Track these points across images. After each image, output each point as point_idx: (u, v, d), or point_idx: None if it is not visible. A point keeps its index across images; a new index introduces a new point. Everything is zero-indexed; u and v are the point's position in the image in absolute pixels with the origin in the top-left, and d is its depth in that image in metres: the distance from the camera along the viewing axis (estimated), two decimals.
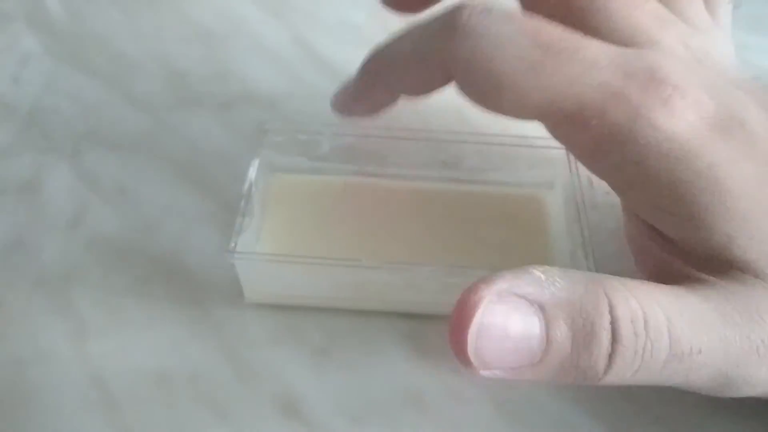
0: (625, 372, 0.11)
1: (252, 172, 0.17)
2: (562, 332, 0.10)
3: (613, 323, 0.10)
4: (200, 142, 0.22)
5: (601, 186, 0.14)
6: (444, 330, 0.15)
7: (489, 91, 0.12)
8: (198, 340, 0.17)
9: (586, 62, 0.12)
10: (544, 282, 0.10)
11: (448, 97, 0.21)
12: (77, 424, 0.15)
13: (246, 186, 0.17)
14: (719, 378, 0.11)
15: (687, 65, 0.13)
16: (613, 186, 0.13)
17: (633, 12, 0.13)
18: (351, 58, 0.21)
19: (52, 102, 0.23)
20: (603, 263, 0.16)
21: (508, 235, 0.17)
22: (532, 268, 0.11)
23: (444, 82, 0.14)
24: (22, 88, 0.24)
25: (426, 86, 0.14)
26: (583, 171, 0.15)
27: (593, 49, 0.12)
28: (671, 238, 0.12)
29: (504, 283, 0.10)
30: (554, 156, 0.18)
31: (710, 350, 0.11)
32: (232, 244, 0.16)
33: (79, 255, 0.18)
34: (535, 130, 0.15)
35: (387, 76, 0.15)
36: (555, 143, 0.14)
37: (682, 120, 0.12)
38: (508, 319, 0.10)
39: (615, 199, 0.14)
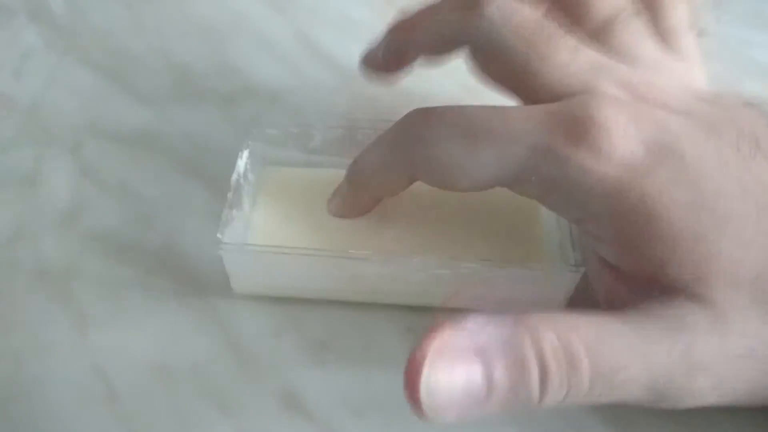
0: (557, 396, 0.12)
1: (240, 164, 0.17)
2: (500, 371, 0.11)
3: (538, 355, 0.12)
4: (201, 137, 0.22)
5: None
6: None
7: (448, 182, 0.14)
8: (200, 332, 0.17)
9: (513, 132, 0.13)
10: (476, 330, 0.12)
11: (444, 90, 0.21)
12: (79, 416, 0.15)
13: (234, 177, 0.17)
14: (651, 392, 0.12)
15: (617, 104, 0.13)
16: (567, 219, 0.15)
17: (567, 68, 0.14)
18: (353, 53, 0.21)
19: (53, 96, 0.23)
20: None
21: (501, 228, 0.17)
22: (465, 320, 0.12)
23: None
24: (23, 82, 0.24)
25: (396, 190, 0.16)
26: None
27: (519, 116, 0.13)
28: (616, 266, 0.13)
29: (442, 339, 0.11)
30: None
31: (631, 368, 0.12)
32: (219, 236, 0.16)
33: (80, 248, 0.18)
34: None
35: (366, 190, 0.17)
36: None
37: (610, 159, 0.13)
38: (452, 371, 0.11)
39: None
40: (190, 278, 0.18)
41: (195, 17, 0.26)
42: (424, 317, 0.17)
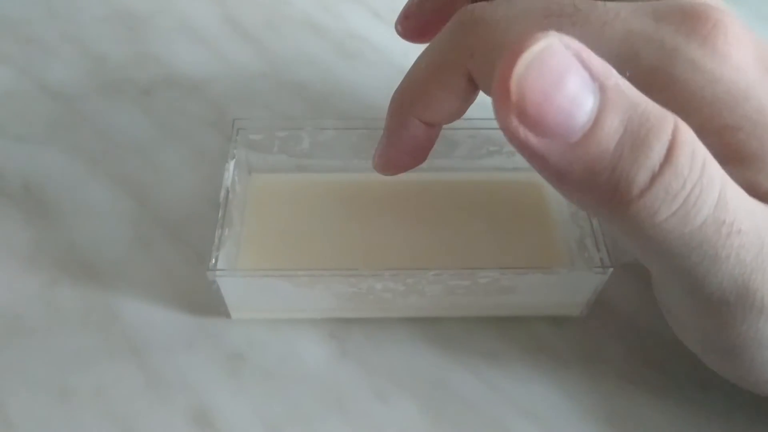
0: (661, 206, 0.09)
1: (228, 177, 0.15)
2: (613, 122, 0.09)
3: (672, 143, 0.09)
4: (116, 132, 0.20)
5: None
6: (367, 330, 0.15)
7: None
8: (104, 350, 0.15)
9: (606, 16, 0.11)
10: (614, 72, 0.09)
11: (377, 79, 0.18)
12: None
13: (222, 194, 0.15)
14: (741, 284, 0.10)
15: (726, 10, 0.12)
16: None
17: None
18: (282, 38, 0.18)
19: None
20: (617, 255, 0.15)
21: (509, 226, 0.16)
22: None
23: (470, 91, 0.13)
24: None
25: (452, 103, 0.13)
26: None
27: (610, 4, 0.11)
28: None
29: (576, 44, 0.09)
30: None
31: (747, 237, 0.10)
32: (213, 261, 0.14)
33: None
34: None
35: (413, 108, 0.13)
36: None
37: (725, 59, 0.11)
38: (566, 72, 0.09)
39: None
40: (98, 288, 0.16)
41: (113, 1, 0.24)
42: (348, 324, 0.15)
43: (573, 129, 0.09)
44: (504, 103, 0.09)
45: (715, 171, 0.10)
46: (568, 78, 0.09)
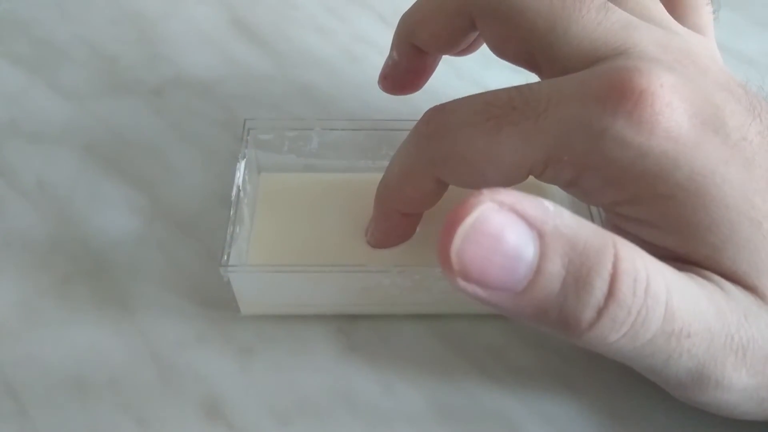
0: (610, 332, 0.10)
1: (239, 176, 0.16)
2: (554, 267, 0.10)
3: (613, 276, 0.10)
4: (127, 131, 0.20)
5: None
6: (374, 325, 0.15)
7: (474, 177, 0.13)
8: (119, 341, 0.16)
9: (539, 107, 0.12)
10: (551, 212, 0.10)
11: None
12: None
13: (234, 192, 0.16)
14: (695, 372, 0.11)
15: (659, 67, 0.12)
16: (599, 205, 0.13)
17: (598, 27, 0.12)
18: (289, 39, 0.18)
19: None
20: None
21: None
22: (542, 198, 0.10)
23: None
24: None
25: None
26: None
27: (544, 89, 0.12)
28: (661, 248, 0.12)
29: (509, 198, 0.09)
30: None
31: (697, 337, 0.11)
32: (225, 257, 0.14)
33: None
34: None
35: (393, 205, 0.15)
36: None
37: (653, 131, 0.11)
38: (502, 232, 0.09)
39: None
40: (113, 284, 0.17)
41: (123, 3, 0.25)
42: (356, 319, 0.16)
43: (517, 281, 0.10)
44: (449, 270, 0.09)
45: (659, 287, 0.10)
46: (505, 236, 0.09)
